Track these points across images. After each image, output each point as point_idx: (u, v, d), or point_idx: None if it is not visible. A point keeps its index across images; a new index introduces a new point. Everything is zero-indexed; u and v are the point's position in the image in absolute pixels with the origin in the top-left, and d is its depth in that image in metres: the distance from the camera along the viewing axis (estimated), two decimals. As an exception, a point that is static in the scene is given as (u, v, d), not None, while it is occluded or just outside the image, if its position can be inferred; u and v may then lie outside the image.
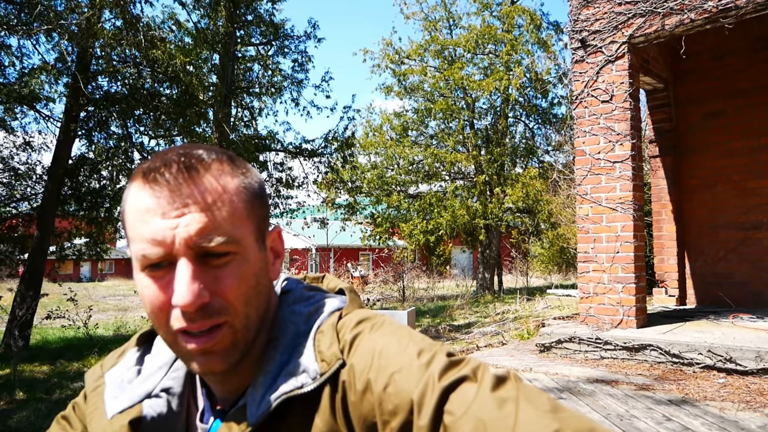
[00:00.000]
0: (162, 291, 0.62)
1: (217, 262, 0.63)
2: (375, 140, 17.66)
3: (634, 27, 5.27)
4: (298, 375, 0.65)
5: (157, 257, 0.61)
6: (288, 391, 0.63)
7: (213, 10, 10.85)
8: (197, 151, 0.66)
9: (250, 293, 0.65)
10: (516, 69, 16.39)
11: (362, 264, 28.01)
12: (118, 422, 0.69)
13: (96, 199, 9.22)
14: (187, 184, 0.62)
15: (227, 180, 0.65)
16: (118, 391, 0.72)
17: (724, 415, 3.42)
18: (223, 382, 0.69)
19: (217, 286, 0.62)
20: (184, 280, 0.60)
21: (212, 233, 0.61)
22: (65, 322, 8.10)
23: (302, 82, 12.80)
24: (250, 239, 0.66)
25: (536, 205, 16.02)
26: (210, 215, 0.62)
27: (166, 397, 0.71)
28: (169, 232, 0.61)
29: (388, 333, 0.66)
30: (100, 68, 8.79)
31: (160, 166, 0.63)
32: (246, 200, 0.66)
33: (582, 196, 5.53)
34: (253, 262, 0.66)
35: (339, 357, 0.65)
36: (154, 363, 0.75)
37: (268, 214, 0.72)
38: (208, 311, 0.62)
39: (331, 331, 0.68)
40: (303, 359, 0.66)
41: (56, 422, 0.82)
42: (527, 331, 6.81)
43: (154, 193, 0.62)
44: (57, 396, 5.09)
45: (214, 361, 0.63)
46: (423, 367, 0.60)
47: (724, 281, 6.57)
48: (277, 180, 12.59)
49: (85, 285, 27.34)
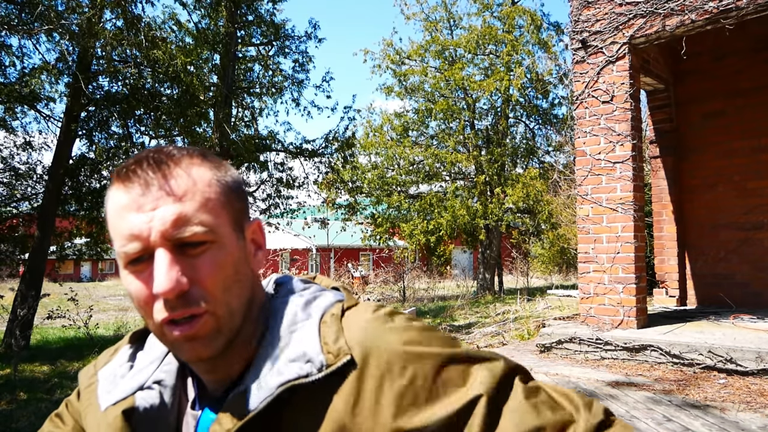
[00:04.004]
0: (144, 284, 0.64)
1: (194, 252, 0.64)
2: (375, 140, 17.65)
3: (634, 28, 5.27)
4: (302, 363, 0.66)
5: (136, 252, 0.63)
6: (292, 379, 0.65)
7: (214, 11, 10.85)
8: (168, 148, 0.68)
9: (229, 281, 0.66)
10: (517, 69, 16.39)
11: (363, 264, 28.01)
12: (111, 413, 0.70)
13: (96, 199, 9.21)
14: (157, 177, 0.64)
15: (198, 172, 0.67)
16: (111, 386, 0.74)
17: (724, 415, 3.42)
18: (211, 371, 0.70)
19: (195, 274, 0.64)
20: (162, 268, 0.62)
21: (186, 224, 0.63)
22: (66, 322, 8.10)
23: (303, 83, 12.79)
24: (226, 229, 0.67)
25: (537, 206, 16.01)
26: (183, 206, 0.64)
27: (158, 388, 0.72)
28: (145, 226, 0.63)
29: (411, 324, 0.70)
30: (100, 68, 8.78)
31: (132, 164, 0.66)
32: (219, 192, 0.68)
33: (582, 196, 5.53)
34: (230, 251, 0.67)
35: (347, 352, 0.66)
36: (146, 358, 0.77)
37: (246, 207, 0.74)
38: (188, 299, 0.63)
39: (336, 323, 0.69)
40: (306, 348, 0.67)
41: (49, 420, 0.83)
42: (528, 331, 6.81)
43: (127, 190, 0.64)
44: (57, 396, 5.09)
45: (200, 347, 0.65)
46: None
47: (724, 282, 6.57)
48: (278, 180, 12.58)
49: (85, 285, 27.34)
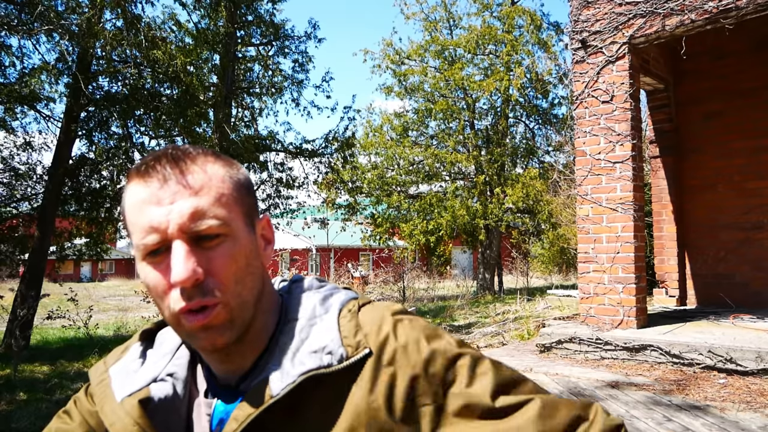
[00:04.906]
0: (162, 275, 0.67)
1: (209, 244, 0.67)
2: (375, 140, 17.64)
3: (634, 27, 5.27)
4: (323, 355, 0.69)
5: (154, 243, 0.66)
6: (314, 368, 0.68)
7: (213, 11, 10.85)
8: (184, 147, 0.72)
9: (241, 273, 0.69)
10: (516, 69, 16.38)
11: (362, 264, 28.00)
12: (128, 403, 0.73)
13: (96, 199, 9.21)
14: (175, 173, 0.68)
15: (213, 168, 0.71)
16: (126, 380, 0.76)
17: (724, 415, 3.42)
18: (225, 361, 0.73)
19: (210, 266, 0.67)
20: (180, 259, 0.65)
21: (203, 217, 0.67)
22: (65, 322, 8.10)
23: (303, 83, 12.79)
24: (239, 222, 0.70)
25: (536, 206, 16.01)
26: (200, 200, 0.67)
27: (171, 380, 0.75)
28: (163, 219, 0.66)
29: (422, 325, 0.74)
30: (100, 68, 8.78)
31: (151, 161, 0.69)
32: (232, 187, 0.71)
33: (582, 196, 5.53)
34: (243, 244, 0.70)
35: (366, 345, 0.70)
36: (157, 352, 0.80)
37: (256, 204, 0.77)
38: (203, 290, 0.66)
39: (354, 318, 0.73)
40: (326, 341, 0.70)
41: (57, 417, 0.84)
42: (527, 331, 6.81)
43: (147, 184, 0.67)
44: (57, 396, 5.09)
45: (215, 335, 0.67)
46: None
47: (724, 281, 6.57)
48: (278, 180, 12.58)
49: (85, 285, 27.32)
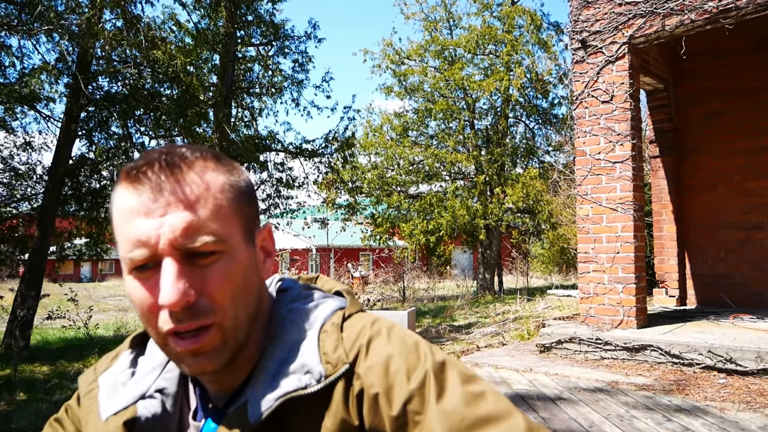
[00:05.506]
0: (149, 292, 0.61)
1: (203, 262, 0.62)
2: (375, 140, 17.64)
3: (634, 27, 5.27)
4: (301, 375, 0.64)
5: (142, 259, 0.60)
6: (291, 391, 0.63)
7: (213, 11, 10.84)
8: (181, 149, 0.65)
9: (238, 292, 0.63)
10: (516, 69, 16.38)
11: (362, 264, 28.01)
12: (113, 423, 0.68)
13: (96, 200, 9.21)
14: (169, 181, 0.61)
15: (211, 177, 0.64)
16: (113, 394, 0.72)
17: (724, 415, 3.42)
18: (216, 381, 0.69)
19: (204, 286, 0.61)
20: (169, 279, 0.59)
21: (197, 233, 0.60)
22: (65, 322, 8.09)
23: (302, 83, 12.79)
24: (237, 237, 0.64)
25: (536, 206, 16.00)
26: (194, 213, 0.61)
27: (160, 397, 0.70)
28: (153, 233, 0.60)
29: (399, 340, 0.67)
30: (100, 68, 8.78)
31: (142, 165, 0.62)
32: (232, 198, 0.65)
33: (582, 196, 5.53)
34: (240, 260, 0.64)
35: (345, 361, 0.64)
36: (147, 364, 0.75)
37: (257, 212, 0.71)
38: (195, 311, 0.61)
39: (336, 332, 0.67)
40: (306, 359, 0.65)
41: (49, 425, 0.81)
42: (527, 331, 6.81)
43: (137, 192, 0.61)
44: (57, 397, 5.08)
45: (204, 361, 0.62)
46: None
47: (724, 281, 6.57)
48: (278, 180, 12.58)
49: (85, 285, 27.31)
